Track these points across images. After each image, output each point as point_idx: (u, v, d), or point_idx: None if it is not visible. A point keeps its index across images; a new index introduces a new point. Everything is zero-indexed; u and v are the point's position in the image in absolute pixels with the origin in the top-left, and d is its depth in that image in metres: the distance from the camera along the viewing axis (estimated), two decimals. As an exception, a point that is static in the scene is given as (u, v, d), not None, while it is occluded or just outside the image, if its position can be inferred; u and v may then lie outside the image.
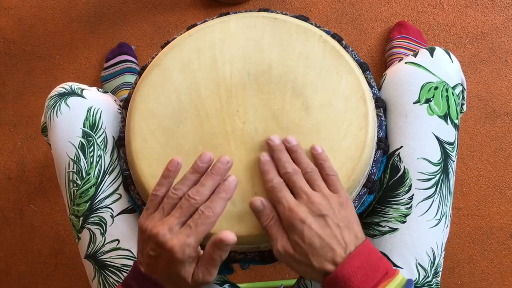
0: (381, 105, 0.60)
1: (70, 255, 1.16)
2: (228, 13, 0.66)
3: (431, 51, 0.61)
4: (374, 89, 0.61)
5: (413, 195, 0.58)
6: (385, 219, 0.59)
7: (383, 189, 0.60)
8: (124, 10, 1.21)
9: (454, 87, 0.61)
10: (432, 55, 0.61)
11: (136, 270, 0.51)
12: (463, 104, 0.64)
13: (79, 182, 0.61)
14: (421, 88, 0.60)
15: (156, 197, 0.51)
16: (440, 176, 0.59)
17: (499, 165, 1.11)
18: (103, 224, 0.61)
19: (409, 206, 0.58)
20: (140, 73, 0.65)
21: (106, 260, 0.61)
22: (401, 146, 0.60)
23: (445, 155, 0.59)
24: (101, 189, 0.61)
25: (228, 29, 0.62)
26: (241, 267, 0.61)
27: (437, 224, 0.59)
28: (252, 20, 0.62)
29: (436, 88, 0.60)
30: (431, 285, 0.58)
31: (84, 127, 0.63)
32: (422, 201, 0.58)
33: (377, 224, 0.60)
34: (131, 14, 1.20)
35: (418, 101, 0.60)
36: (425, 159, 0.59)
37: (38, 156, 1.19)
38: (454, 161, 0.61)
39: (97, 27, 1.21)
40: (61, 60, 1.21)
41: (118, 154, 0.63)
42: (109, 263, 0.60)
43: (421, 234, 0.58)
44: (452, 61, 0.61)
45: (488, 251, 1.10)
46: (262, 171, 0.54)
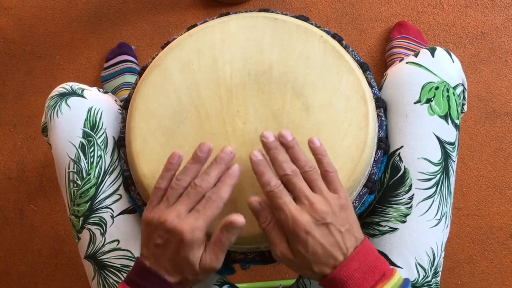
0: (381, 105, 0.60)
1: (70, 255, 1.16)
2: (228, 13, 0.66)
3: (432, 51, 0.61)
4: (374, 89, 0.61)
5: (413, 195, 0.58)
6: (385, 219, 0.59)
7: (383, 189, 0.60)
8: (124, 10, 1.21)
9: (455, 87, 0.61)
10: (433, 55, 0.61)
11: (140, 265, 0.51)
12: (464, 104, 0.64)
13: (79, 182, 0.61)
14: (422, 88, 0.60)
15: (159, 189, 0.52)
16: (441, 176, 0.59)
17: (499, 165, 1.11)
18: (103, 225, 0.61)
19: (409, 206, 0.58)
20: (140, 74, 0.65)
21: (106, 260, 0.60)
22: (402, 146, 0.60)
23: (446, 155, 0.59)
24: (102, 189, 0.61)
25: (228, 29, 0.62)
26: (242, 267, 0.61)
27: (437, 224, 0.59)
28: (252, 20, 0.62)
29: (437, 88, 0.60)
30: (431, 285, 0.58)
31: (84, 127, 0.63)
32: (422, 201, 0.58)
33: (377, 223, 0.60)
34: (131, 14, 1.20)
35: (419, 101, 0.60)
36: (425, 159, 0.59)
37: (38, 156, 1.19)
38: (454, 161, 0.61)
39: (97, 27, 1.21)
40: (61, 60, 1.21)
41: (119, 155, 0.63)
42: (109, 263, 0.60)
43: (421, 234, 0.58)
44: (453, 61, 0.61)
45: (488, 251, 1.10)
46: (256, 172, 0.51)
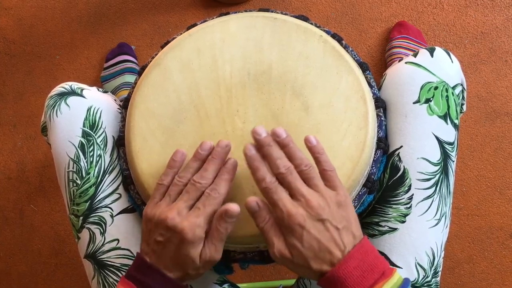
0: (381, 105, 0.60)
1: (70, 255, 1.16)
2: (228, 13, 0.66)
3: (431, 51, 0.61)
4: (374, 89, 0.61)
5: (412, 195, 0.58)
6: (385, 219, 0.59)
7: (382, 189, 0.60)
8: (124, 10, 1.21)
9: (454, 87, 0.61)
10: (432, 55, 0.61)
11: (140, 261, 0.52)
12: (463, 104, 0.64)
13: (79, 181, 0.61)
14: (421, 88, 0.60)
15: (162, 186, 0.53)
16: (440, 176, 0.59)
17: (499, 165, 1.11)
18: (102, 224, 0.61)
19: (408, 206, 0.58)
20: (140, 73, 0.65)
21: (105, 259, 0.61)
22: (401, 146, 0.60)
23: (445, 155, 0.59)
24: (101, 188, 0.62)
25: (228, 29, 0.62)
26: (241, 267, 0.61)
27: (436, 224, 0.59)
28: (252, 20, 0.62)
29: (436, 88, 0.60)
30: (431, 285, 0.58)
31: (84, 126, 0.63)
32: (422, 201, 0.58)
33: (376, 224, 0.60)
34: (131, 14, 1.20)
35: (418, 101, 0.60)
36: (424, 159, 0.59)
37: (38, 156, 1.19)
38: (454, 161, 0.61)
39: (97, 27, 1.21)
40: (61, 60, 1.21)
41: (118, 154, 0.63)
42: (108, 262, 0.60)
43: (420, 234, 0.58)
44: (452, 61, 0.61)
45: (488, 251, 1.10)
46: (250, 167, 0.50)
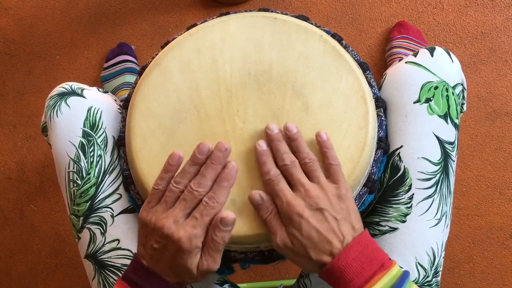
0: (381, 104, 0.60)
1: (70, 255, 1.16)
2: (228, 13, 0.66)
3: (431, 50, 0.61)
4: (374, 88, 0.61)
5: (413, 194, 0.59)
6: (385, 218, 0.59)
7: (383, 188, 0.60)
8: (124, 10, 1.21)
9: (454, 87, 0.61)
10: (432, 54, 0.61)
11: (137, 263, 0.52)
12: (463, 104, 0.64)
13: (79, 182, 0.61)
14: (421, 88, 0.60)
15: (158, 191, 0.52)
16: (440, 176, 0.59)
17: (499, 165, 1.11)
18: (103, 224, 0.61)
19: (409, 205, 0.58)
20: (140, 73, 0.65)
21: (106, 260, 0.61)
22: (401, 146, 0.60)
23: (445, 155, 0.59)
24: (101, 188, 0.61)
25: (228, 29, 0.62)
26: (241, 267, 0.61)
27: (437, 224, 0.59)
28: (252, 20, 0.62)
29: (436, 88, 0.60)
30: (431, 284, 0.58)
31: (84, 126, 0.63)
32: (422, 200, 0.58)
33: (377, 223, 0.60)
34: (131, 14, 1.20)
35: (418, 101, 0.60)
36: (425, 158, 0.59)
37: (38, 156, 1.19)
38: (454, 161, 0.61)
39: (97, 27, 1.21)
40: (61, 60, 1.21)
41: (118, 154, 0.63)
42: (109, 263, 0.60)
43: (421, 234, 0.58)
44: (452, 61, 0.61)
45: (488, 251, 1.10)
46: (259, 161, 0.53)
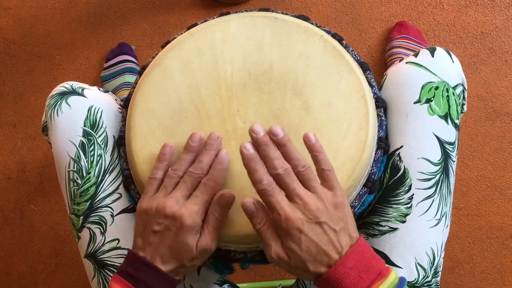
0: (381, 104, 0.60)
1: (70, 255, 1.16)
2: (228, 13, 0.66)
3: (432, 51, 0.61)
4: (374, 88, 0.61)
5: (413, 194, 0.58)
6: (385, 218, 0.59)
7: (383, 188, 0.60)
8: (124, 10, 1.21)
9: (454, 87, 0.61)
10: (432, 55, 0.61)
11: (132, 256, 0.52)
12: (463, 104, 0.64)
13: (79, 181, 0.61)
14: (422, 88, 0.60)
15: (155, 180, 0.54)
16: (440, 176, 0.59)
17: (499, 165, 1.11)
18: (103, 224, 0.61)
19: (409, 206, 0.58)
20: (140, 73, 0.65)
21: (106, 259, 0.61)
22: (402, 146, 0.60)
23: (446, 155, 0.59)
24: (101, 188, 0.62)
25: (228, 29, 0.62)
26: (241, 266, 0.61)
27: (437, 224, 0.59)
28: (252, 20, 0.62)
29: (436, 88, 0.60)
30: (431, 285, 0.58)
31: (84, 126, 0.63)
32: (422, 201, 0.58)
33: (377, 223, 0.60)
34: (131, 14, 1.20)
35: (418, 101, 0.60)
36: (425, 159, 0.59)
37: (38, 156, 1.19)
38: (454, 161, 0.61)
39: (97, 27, 1.21)
40: (61, 60, 1.21)
41: (119, 153, 0.63)
42: (109, 262, 0.60)
43: (420, 234, 0.58)
44: (453, 61, 0.61)
45: (488, 251, 1.10)
46: (247, 168, 0.49)
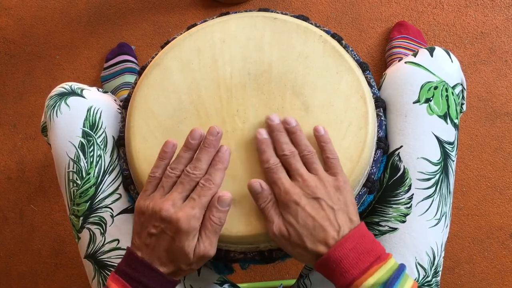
0: (381, 104, 0.60)
1: (70, 255, 1.16)
2: (228, 13, 0.66)
3: (431, 50, 0.61)
4: (374, 88, 0.61)
5: (412, 194, 0.59)
6: (385, 218, 0.59)
7: (383, 188, 0.60)
8: (124, 10, 1.21)
9: (454, 87, 0.61)
10: (432, 54, 0.61)
11: (131, 255, 0.51)
12: (463, 104, 0.64)
13: (79, 182, 0.61)
14: (421, 88, 0.60)
15: (154, 178, 0.53)
16: (440, 176, 0.59)
17: (499, 165, 1.11)
18: (103, 224, 0.61)
19: (408, 205, 0.58)
20: (140, 73, 0.65)
21: (106, 260, 0.61)
22: (401, 146, 0.60)
23: (445, 155, 0.59)
24: (101, 189, 0.62)
25: (228, 29, 0.62)
26: (241, 267, 0.61)
27: (436, 224, 0.59)
28: (252, 20, 0.62)
29: (435, 88, 0.60)
30: (431, 284, 0.58)
31: (84, 127, 0.63)
32: (422, 200, 0.58)
33: (376, 223, 0.60)
34: (131, 14, 1.20)
35: (418, 101, 0.60)
36: (425, 158, 0.59)
37: (38, 156, 1.19)
38: (454, 161, 0.61)
39: (97, 27, 1.21)
40: (61, 60, 1.21)
41: (118, 154, 0.63)
42: (109, 263, 0.60)
43: (420, 234, 0.58)
44: (452, 61, 0.61)
45: (488, 251, 1.10)
46: (259, 150, 0.54)
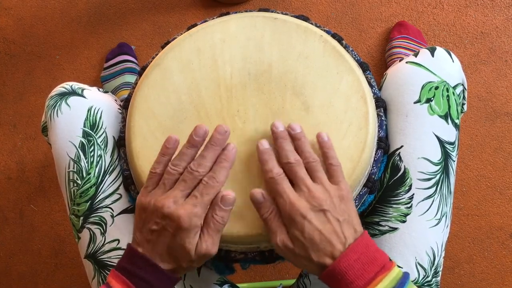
0: (381, 104, 0.60)
1: (70, 255, 1.16)
2: (228, 13, 0.66)
3: (432, 50, 0.61)
4: (374, 88, 0.61)
5: (413, 194, 0.59)
6: (385, 218, 0.59)
7: (383, 188, 0.60)
8: (124, 10, 1.21)
9: (454, 87, 0.61)
10: (433, 54, 0.61)
11: (131, 252, 0.51)
12: (463, 104, 0.64)
13: (79, 181, 0.61)
14: (422, 88, 0.60)
15: (155, 174, 0.52)
16: (441, 176, 0.59)
17: (499, 165, 1.11)
18: (103, 224, 0.61)
19: (409, 205, 0.58)
20: (140, 73, 0.65)
21: (106, 260, 0.60)
22: (402, 146, 0.60)
23: (446, 155, 0.59)
24: (102, 189, 0.61)
25: (228, 29, 0.62)
26: (242, 267, 0.61)
27: (437, 224, 0.59)
28: (252, 20, 0.62)
29: (436, 88, 0.60)
30: (431, 284, 0.58)
31: (84, 126, 0.63)
32: (422, 200, 0.58)
33: (377, 223, 0.60)
34: (131, 14, 1.20)
35: (418, 101, 0.60)
36: (425, 158, 0.59)
37: (38, 156, 1.19)
38: (454, 161, 0.61)
39: (97, 27, 1.21)
40: (61, 60, 1.21)
41: (119, 154, 0.63)
42: (109, 263, 0.60)
43: (421, 234, 0.58)
44: (453, 61, 0.61)
45: (488, 251, 1.10)
46: (261, 160, 0.52)
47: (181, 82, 0.61)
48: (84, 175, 0.61)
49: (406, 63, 0.62)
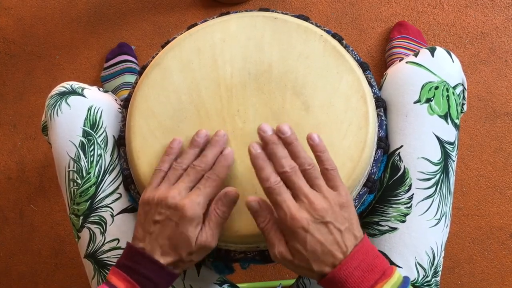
0: (381, 104, 0.60)
1: (70, 255, 1.16)
2: (228, 13, 0.66)
3: (432, 50, 0.61)
4: (374, 88, 0.61)
5: (413, 194, 0.59)
6: (385, 218, 0.59)
7: (383, 188, 0.60)
8: (124, 10, 1.21)
9: (454, 87, 0.61)
10: (433, 54, 0.61)
11: (131, 248, 0.52)
12: (463, 104, 0.64)
13: (79, 181, 0.61)
14: (422, 88, 0.60)
15: (160, 172, 0.55)
16: (440, 176, 0.59)
17: (499, 165, 1.11)
18: (103, 223, 0.61)
19: (409, 205, 0.58)
20: (140, 73, 0.65)
21: (106, 259, 0.61)
22: (401, 146, 0.60)
23: (445, 155, 0.59)
24: (101, 188, 0.62)
25: (228, 28, 0.62)
26: (241, 266, 0.61)
27: (437, 224, 0.59)
28: (252, 20, 0.62)
29: (436, 88, 0.60)
30: (431, 284, 0.58)
31: (84, 126, 0.63)
32: (422, 200, 0.58)
33: (376, 223, 0.60)
34: (131, 14, 1.20)
35: (418, 101, 0.60)
36: (425, 158, 0.59)
37: (38, 156, 1.19)
38: (454, 161, 0.61)
39: (97, 27, 1.21)
40: (61, 60, 1.21)
41: (119, 154, 0.63)
42: (109, 262, 0.60)
43: (420, 234, 0.58)
44: (453, 61, 0.61)
45: (488, 251, 1.10)
46: (255, 166, 0.50)
47: (181, 82, 0.61)
48: (84, 174, 0.61)
49: (406, 63, 0.62)
